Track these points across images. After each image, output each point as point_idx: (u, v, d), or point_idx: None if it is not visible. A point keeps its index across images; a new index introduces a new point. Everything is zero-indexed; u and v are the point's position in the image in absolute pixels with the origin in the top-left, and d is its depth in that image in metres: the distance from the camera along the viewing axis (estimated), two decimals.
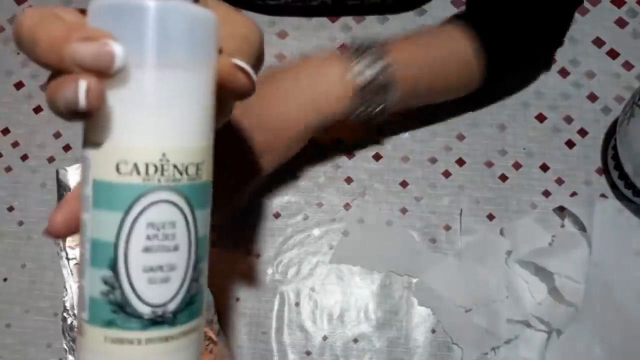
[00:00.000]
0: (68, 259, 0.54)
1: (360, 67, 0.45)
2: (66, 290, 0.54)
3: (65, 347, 0.52)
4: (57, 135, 0.61)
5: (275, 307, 0.55)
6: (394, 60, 0.46)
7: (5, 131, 0.61)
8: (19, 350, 0.55)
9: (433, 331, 0.53)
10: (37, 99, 0.62)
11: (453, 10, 0.62)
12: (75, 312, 0.53)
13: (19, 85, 0.63)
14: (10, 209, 0.59)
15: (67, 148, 0.60)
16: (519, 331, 0.52)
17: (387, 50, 0.46)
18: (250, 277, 0.55)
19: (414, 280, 0.55)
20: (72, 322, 0.53)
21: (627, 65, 0.60)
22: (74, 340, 0.52)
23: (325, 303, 0.54)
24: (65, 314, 0.53)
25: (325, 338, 0.54)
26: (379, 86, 0.45)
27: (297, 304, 0.54)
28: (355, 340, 0.54)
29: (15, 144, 0.61)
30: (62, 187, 0.57)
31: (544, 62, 0.59)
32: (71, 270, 0.54)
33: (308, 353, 0.53)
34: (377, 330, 0.54)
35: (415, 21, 0.62)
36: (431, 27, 0.52)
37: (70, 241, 0.55)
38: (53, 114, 0.26)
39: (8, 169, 0.60)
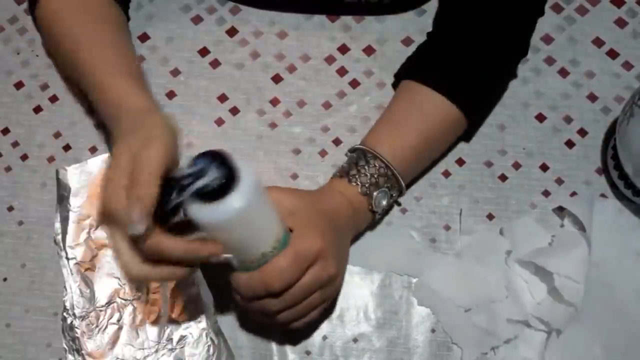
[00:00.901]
0: (68, 259, 0.54)
1: (379, 199, 0.51)
2: (66, 290, 0.53)
3: (65, 346, 0.52)
4: (57, 135, 0.61)
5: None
6: (394, 162, 0.50)
7: (5, 131, 0.61)
8: (19, 349, 0.55)
9: (433, 331, 0.53)
10: (37, 99, 0.62)
11: None
12: (75, 312, 0.53)
13: (19, 85, 0.63)
14: (10, 208, 0.59)
15: (67, 148, 0.60)
16: (519, 331, 0.52)
17: (382, 154, 0.50)
18: None
19: (414, 280, 0.55)
20: (72, 321, 0.53)
21: (627, 65, 0.60)
22: (74, 339, 0.52)
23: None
24: (65, 314, 0.53)
25: (325, 338, 0.54)
26: (389, 193, 0.51)
27: None
28: (355, 340, 0.54)
29: (15, 144, 0.61)
30: (62, 187, 0.57)
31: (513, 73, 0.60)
32: (71, 270, 0.54)
33: (308, 353, 0.53)
34: (377, 330, 0.54)
35: (415, 21, 0.62)
36: (407, 100, 0.54)
37: (71, 241, 0.55)
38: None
39: (8, 169, 0.60)
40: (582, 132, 0.59)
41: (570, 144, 0.58)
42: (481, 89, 0.54)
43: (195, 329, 0.52)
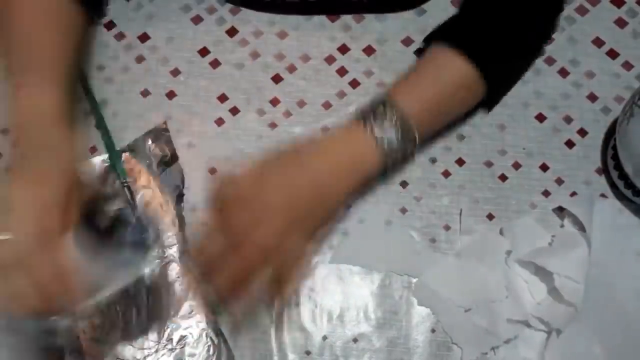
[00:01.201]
0: None
1: (381, 130, 0.48)
2: None
3: (65, 347, 0.52)
4: None
5: (275, 306, 0.54)
6: (410, 113, 0.49)
7: (6, 131, 0.61)
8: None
9: (433, 331, 0.53)
10: None
11: (453, 11, 0.62)
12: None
13: None
14: None
15: None
16: (519, 331, 0.52)
17: (399, 103, 0.49)
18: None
19: (414, 280, 0.55)
20: (72, 322, 0.52)
21: (627, 65, 0.60)
22: (73, 340, 0.52)
23: (325, 303, 0.54)
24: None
25: (325, 338, 0.54)
26: (402, 141, 0.49)
27: (297, 304, 0.54)
28: (355, 340, 0.54)
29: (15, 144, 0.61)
30: None
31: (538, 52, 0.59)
32: None
33: (308, 353, 0.53)
34: (377, 330, 0.54)
35: (415, 21, 0.62)
36: (428, 60, 0.53)
37: None
38: None
39: (8, 169, 0.60)
40: (582, 132, 0.59)
41: (570, 144, 0.58)
42: (502, 54, 0.53)
43: (195, 329, 0.52)
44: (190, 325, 0.52)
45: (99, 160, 0.58)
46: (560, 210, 0.56)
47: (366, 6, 0.62)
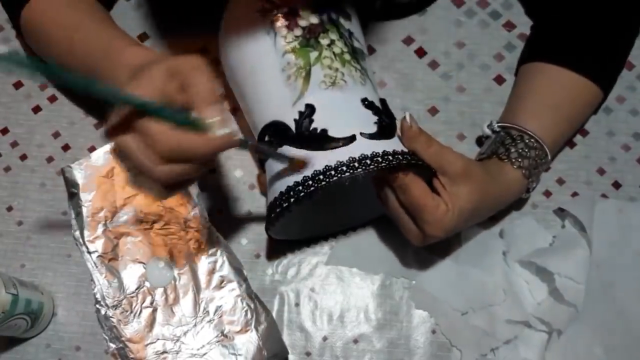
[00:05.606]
0: (90, 253, 0.54)
1: (533, 180, 0.52)
2: (94, 282, 0.53)
3: (105, 336, 0.52)
4: (56, 135, 0.61)
5: (275, 307, 0.54)
6: (545, 140, 0.51)
7: (5, 131, 0.61)
8: (18, 350, 0.54)
9: (433, 332, 0.53)
10: (36, 99, 0.62)
11: (454, 11, 0.62)
12: (107, 302, 0.53)
13: (17, 85, 0.63)
14: (10, 209, 0.59)
15: (66, 148, 0.60)
16: (519, 331, 0.52)
17: (546, 147, 0.52)
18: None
19: (414, 282, 0.54)
20: (106, 312, 0.52)
21: (628, 65, 0.60)
22: (111, 329, 0.52)
23: (325, 303, 0.54)
24: (98, 306, 0.53)
25: (325, 339, 0.54)
26: (541, 164, 0.52)
27: (297, 305, 0.54)
28: (355, 341, 0.53)
29: (14, 144, 0.61)
30: (70, 185, 0.57)
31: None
32: (95, 263, 0.54)
33: (308, 354, 0.53)
34: (377, 330, 0.54)
35: (415, 21, 0.62)
36: (557, 85, 0.54)
37: (89, 235, 0.55)
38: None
39: (7, 169, 0.60)
40: (583, 132, 0.58)
41: (571, 144, 0.58)
42: (613, 61, 0.55)
43: (229, 298, 0.52)
44: (223, 295, 0.52)
45: (102, 152, 0.57)
46: (561, 211, 0.56)
47: (377, 14, 0.61)
